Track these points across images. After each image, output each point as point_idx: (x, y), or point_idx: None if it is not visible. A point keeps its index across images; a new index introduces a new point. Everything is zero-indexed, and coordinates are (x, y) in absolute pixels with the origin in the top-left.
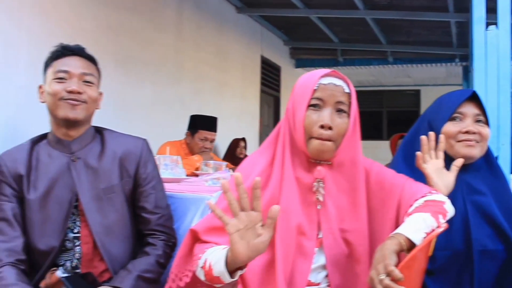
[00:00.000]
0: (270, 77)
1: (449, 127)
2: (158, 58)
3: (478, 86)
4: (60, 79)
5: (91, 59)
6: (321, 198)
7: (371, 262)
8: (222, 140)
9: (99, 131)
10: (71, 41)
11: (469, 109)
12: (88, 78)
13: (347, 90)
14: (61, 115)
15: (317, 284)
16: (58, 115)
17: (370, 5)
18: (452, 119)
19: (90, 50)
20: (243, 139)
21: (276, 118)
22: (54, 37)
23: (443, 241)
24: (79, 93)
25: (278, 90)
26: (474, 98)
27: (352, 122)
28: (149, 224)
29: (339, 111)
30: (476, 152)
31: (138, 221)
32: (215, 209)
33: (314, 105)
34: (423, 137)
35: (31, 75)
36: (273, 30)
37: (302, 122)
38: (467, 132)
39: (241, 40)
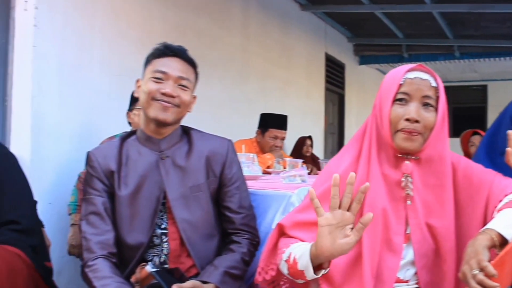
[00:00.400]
0: (335, 75)
1: None
2: (225, 57)
3: None
4: (157, 79)
5: (191, 62)
6: (411, 193)
7: (457, 259)
8: (287, 138)
9: (186, 130)
10: (140, 42)
11: None
12: (184, 82)
13: (434, 84)
14: (151, 114)
15: (406, 282)
16: (149, 114)
17: None
18: None
19: None
20: (309, 137)
21: (341, 116)
22: (125, 39)
23: None
24: (172, 96)
25: (342, 87)
26: None
27: (440, 116)
28: (233, 223)
29: (426, 105)
30: None
31: (222, 220)
32: (314, 198)
33: (400, 100)
34: (510, 132)
35: (104, 77)
36: (336, 27)
37: (388, 116)
38: None
39: (305, 37)
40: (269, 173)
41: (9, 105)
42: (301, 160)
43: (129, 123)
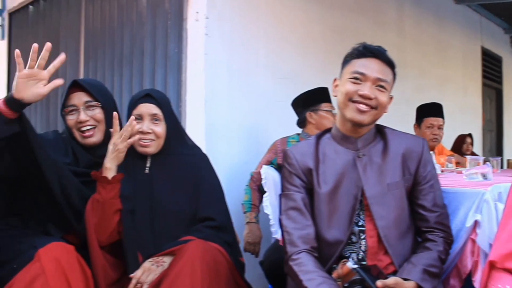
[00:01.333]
0: (491, 69)
1: None
2: None
3: None
4: (355, 79)
5: (389, 63)
6: None
7: None
8: (445, 137)
9: (379, 129)
10: (301, 45)
11: None
12: (382, 83)
13: None
14: (348, 116)
15: None
16: (346, 115)
17: None
18: None
19: (318, 51)
20: (470, 135)
21: (499, 112)
22: (287, 42)
23: None
24: (370, 98)
25: (500, 82)
26: None
27: None
28: (428, 221)
29: None
30: None
31: (416, 218)
32: None
33: None
34: None
35: (268, 80)
36: (492, 19)
37: None
38: None
39: (460, 32)
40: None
41: (183, 110)
42: (482, 158)
43: (303, 122)
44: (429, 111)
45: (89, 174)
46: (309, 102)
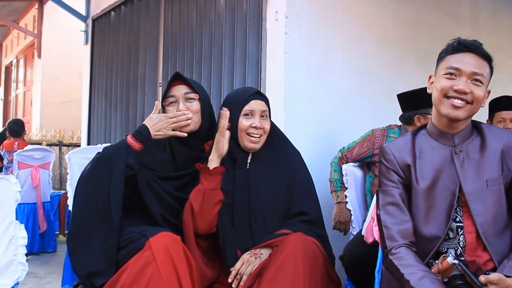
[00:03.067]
0: None
1: None
2: None
3: None
4: (450, 74)
5: (485, 57)
6: None
7: None
8: None
9: (476, 125)
10: (377, 41)
11: None
12: (478, 77)
13: None
14: (443, 112)
15: None
16: (441, 111)
17: None
18: None
19: (393, 47)
20: None
21: None
22: (363, 40)
23: None
24: (465, 93)
25: None
26: None
27: None
28: None
29: None
30: None
31: None
32: None
33: None
34: None
35: (345, 77)
36: None
37: None
38: None
39: None
40: None
41: None
42: None
43: (408, 120)
44: (500, 105)
45: (185, 176)
46: (420, 104)
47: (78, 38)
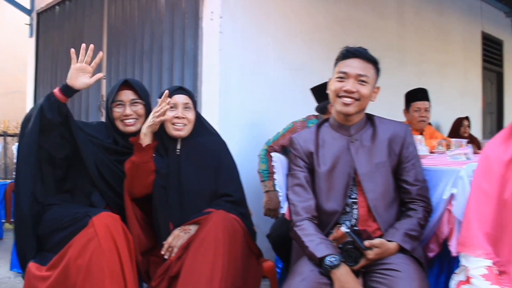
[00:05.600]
0: (492, 53)
1: None
2: (382, 46)
3: None
4: (340, 78)
5: (369, 60)
6: None
7: None
8: (445, 119)
9: (369, 117)
10: (308, 37)
11: None
12: (362, 78)
13: None
14: (337, 109)
15: None
16: (336, 108)
17: None
18: None
19: (323, 42)
20: (467, 118)
21: (500, 95)
22: (294, 36)
23: None
24: (352, 92)
25: (501, 65)
26: None
27: None
28: (410, 193)
29: None
30: None
31: (400, 191)
32: None
33: None
34: None
35: (278, 72)
36: (493, 3)
37: None
38: None
39: (460, 17)
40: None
41: (199, 100)
42: (465, 140)
43: None
44: (416, 96)
45: (123, 153)
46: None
47: (23, 30)
